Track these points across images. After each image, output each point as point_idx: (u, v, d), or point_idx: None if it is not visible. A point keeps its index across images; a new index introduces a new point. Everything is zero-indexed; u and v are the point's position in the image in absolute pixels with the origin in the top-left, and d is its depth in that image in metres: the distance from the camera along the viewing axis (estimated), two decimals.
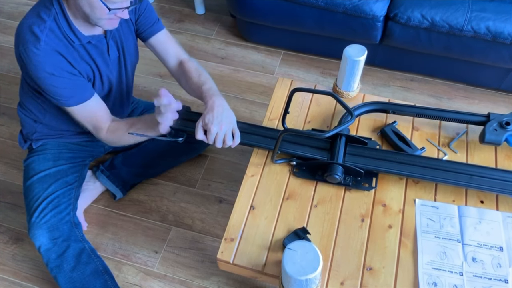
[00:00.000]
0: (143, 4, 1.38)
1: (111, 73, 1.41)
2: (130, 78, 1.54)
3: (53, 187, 1.46)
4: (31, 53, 1.17)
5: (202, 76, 1.36)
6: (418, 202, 1.19)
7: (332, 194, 1.21)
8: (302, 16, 1.95)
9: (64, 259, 1.42)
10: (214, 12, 2.43)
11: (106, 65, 1.37)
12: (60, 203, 1.46)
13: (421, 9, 1.79)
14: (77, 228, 1.47)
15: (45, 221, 1.42)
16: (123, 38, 1.39)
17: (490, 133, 1.22)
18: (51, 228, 1.42)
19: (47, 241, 1.42)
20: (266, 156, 1.30)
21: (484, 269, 1.06)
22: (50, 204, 1.44)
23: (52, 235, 1.42)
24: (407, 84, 2.10)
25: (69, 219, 1.46)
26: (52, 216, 1.43)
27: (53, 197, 1.45)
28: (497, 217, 1.14)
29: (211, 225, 1.68)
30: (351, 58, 1.28)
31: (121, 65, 1.44)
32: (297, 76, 2.14)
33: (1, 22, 2.39)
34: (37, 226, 1.41)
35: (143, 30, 1.42)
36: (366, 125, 1.36)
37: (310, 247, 0.93)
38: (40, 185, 1.46)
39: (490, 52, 1.81)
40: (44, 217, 1.42)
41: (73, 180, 1.52)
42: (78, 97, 1.28)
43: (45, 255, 1.42)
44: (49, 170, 1.48)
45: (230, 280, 1.55)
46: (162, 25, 1.46)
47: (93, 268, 1.44)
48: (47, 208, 1.43)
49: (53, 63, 1.20)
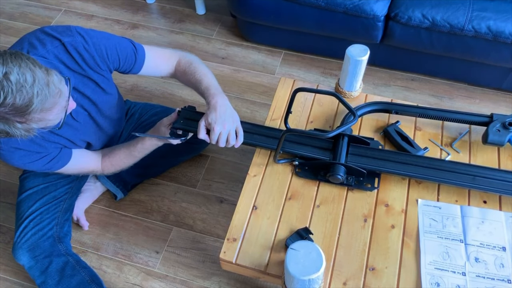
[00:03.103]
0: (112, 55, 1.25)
1: (87, 131, 1.34)
2: (114, 113, 1.42)
3: (38, 204, 1.46)
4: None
5: (197, 74, 1.32)
6: (420, 202, 1.19)
7: (335, 194, 1.21)
8: (302, 16, 1.95)
9: (48, 275, 1.42)
10: (214, 12, 2.43)
11: (75, 131, 1.29)
12: (43, 219, 1.45)
13: (421, 8, 1.79)
14: (61, 242, 1.47)
15: (25, 240, 1.42)
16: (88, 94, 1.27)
17: (493, 133, 1.22)
18: (31, 247, 1.42)
19: (28, 259, 1.42)
20: (269, 156, 1.30)
21: (487, 269, 1.06)
22: (31, 222, 1.44)
23: (32, 254, 1.42)
24: (408, 83, 2.10)
25: (51, 234, 1.45)
26: (33, 234, 1.43)
27: (36, 215, 1.45)
28: (500, 217, 1.14)
29: (212, 225, 1.68)
30: (354, 58, 1.27)
31: (95, 118, 1.34)
32: (297, 76, 2.14)
33: (2, 22, 2.39)
34: (18, 246, 1.42)
35: (128, 69, 1.32)
36: (368, 125, 1.36)
37: (313, 247, 0.93)
38: (26, 203, 1.47)
39: (491, 52, 1.81)
40: (24, 236, 1.43)
41: (63, 192, 1.52)
42: (60, 163, 1.29)
43: (30, 272, 1.44)
44: (38, 187, 1.48)
45: (231, 280, 1.55)
46: (142, 49, 1.32)
47: (78, 280, 1.43)
48: (28, 226, 1.44)
49: (19, 158, 1.20)
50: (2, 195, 1.77)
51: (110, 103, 1.38)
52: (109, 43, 1.24)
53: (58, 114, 1.03)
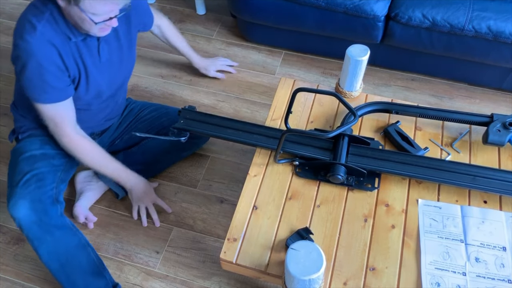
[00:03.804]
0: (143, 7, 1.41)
1: (101, 75, 1.39)
2: (123, 82, 1.53)
3: (39, 164, 1.43)
4: (26, 42, 1.18)
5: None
6: (421, 202, 1.19)
7: (335, 194, 1.21)
8: (302, 16, 1.95)
9: (47, 232, 1.38)
10: (215, 12, 2.43)
11: (95, 67, 1.35)
12: (45, 178, 1.42)
13: (422, 8, 1.79)
14: (60, 205, 1.45)
15: (28, 192, 1.37)
16: (120, 40, 1.39)
17: (494, 133, 1.22)
18: (33, 199, 1.37)
19: (28, 212, 1.36)
20: (269, 156, 1.30)
21: (487, 269, 1.06)
22: (34, 177, 1.40)
23: (33, 206, 1.37)
24: (408, 83, 2.10)
25: (51, 194, 1.42)
26: (36, 188, 1.39)
27: (38, 172, 1.41)
28: (500, 217, 1.14)
29: (213, 225, 1.68)
30: (354, 58, 1.27)
31: (112, 68, 1.42)
32: (298, 76, 2.14)
33: (2, 23, 2.39)
34: (19, 196, 1.36)
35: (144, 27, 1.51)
36: (369, 125, 1.36)
37: (313, 247, 0.93)
38: (25, 162, 1.43)
39: (491, 52, 1.81)
40: (27, 188, 1.38)
41: (59, 163, 1.50)
42: (52, 96, 1.28)
43: (26, 227, 1.37)
44: (36, 151, 1.46)
45: (231, 280, 1.55)
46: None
47: (77, 241, 1.42)
48: (31, 180, 1.39)
49: (44, 54, 1.21)
50: (2, 195, 1.77)
51: (125, 69, 1.50)
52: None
53: (105, 14, 1.16)
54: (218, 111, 2.01)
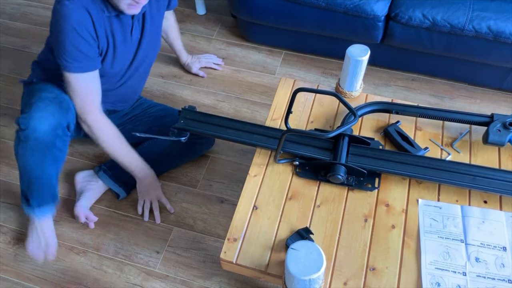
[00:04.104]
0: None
1: (127, 53, 1.43)
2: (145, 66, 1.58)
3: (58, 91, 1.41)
4: (63, 6, 1.23)
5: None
6: (421, 202, 1.18)
7: (335, 194, 1.21)
8: (303, 16, 1.95)
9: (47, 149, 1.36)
10: (215, 13, 2.43)
11: (124, 44, 1.39)
12: (64, 100, 1.39)
13: (422, 8, 1.79)
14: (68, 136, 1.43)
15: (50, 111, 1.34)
16: (150, 21, 1.43)
17: (494, 133, 1.22)
18: (53, 113, 1.35)
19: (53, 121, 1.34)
20: (269, 156, 1.30)
21: (487, 269, 1.06)
22: (55, 99, 1.37)
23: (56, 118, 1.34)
24: (408, 83, 2.10)
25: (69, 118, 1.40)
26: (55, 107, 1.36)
27: (57, 95, 1.39)
28: (500, 217, 1.14)
29: (213, 225, 1.68)
30: (354, 58, 1.27)
31: (140, 48, 1.46)
32: (298, 76, 2.14)
33: (2, 23, 2.39)
34: (43, 110, 1.33)
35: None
36: (369, 125, 1.36)
37: (313, 247, 0.93)
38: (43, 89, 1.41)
39: (492, 52, 1.81)
40: (48, 107, 1.34)
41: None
42: (83, 65, 1.31)
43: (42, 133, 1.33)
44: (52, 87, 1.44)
45: (231, 280, 1.55)
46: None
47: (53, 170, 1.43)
48: (54, 101, 1.37)
49: (79, 18, 1.24)
50: (2, 195, 1.77)
51: (151, 51, 1.54)
52: None
53: None
54: (218, 111, 2.01)
